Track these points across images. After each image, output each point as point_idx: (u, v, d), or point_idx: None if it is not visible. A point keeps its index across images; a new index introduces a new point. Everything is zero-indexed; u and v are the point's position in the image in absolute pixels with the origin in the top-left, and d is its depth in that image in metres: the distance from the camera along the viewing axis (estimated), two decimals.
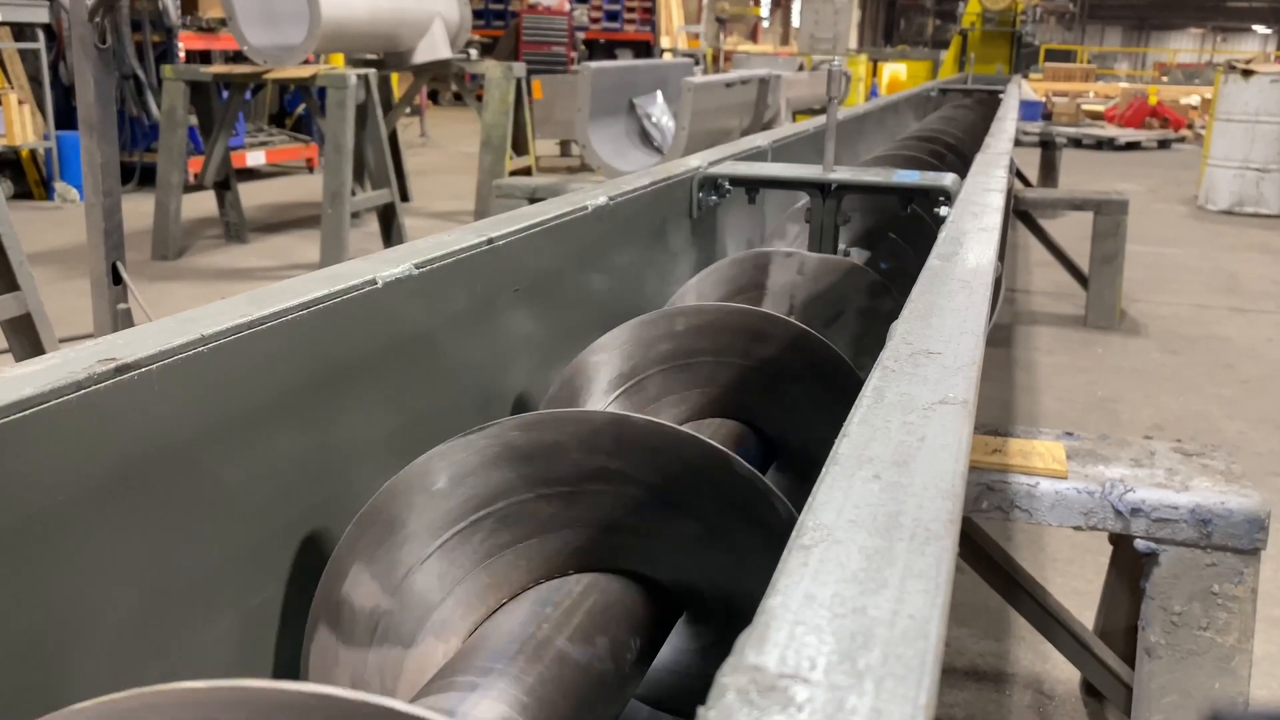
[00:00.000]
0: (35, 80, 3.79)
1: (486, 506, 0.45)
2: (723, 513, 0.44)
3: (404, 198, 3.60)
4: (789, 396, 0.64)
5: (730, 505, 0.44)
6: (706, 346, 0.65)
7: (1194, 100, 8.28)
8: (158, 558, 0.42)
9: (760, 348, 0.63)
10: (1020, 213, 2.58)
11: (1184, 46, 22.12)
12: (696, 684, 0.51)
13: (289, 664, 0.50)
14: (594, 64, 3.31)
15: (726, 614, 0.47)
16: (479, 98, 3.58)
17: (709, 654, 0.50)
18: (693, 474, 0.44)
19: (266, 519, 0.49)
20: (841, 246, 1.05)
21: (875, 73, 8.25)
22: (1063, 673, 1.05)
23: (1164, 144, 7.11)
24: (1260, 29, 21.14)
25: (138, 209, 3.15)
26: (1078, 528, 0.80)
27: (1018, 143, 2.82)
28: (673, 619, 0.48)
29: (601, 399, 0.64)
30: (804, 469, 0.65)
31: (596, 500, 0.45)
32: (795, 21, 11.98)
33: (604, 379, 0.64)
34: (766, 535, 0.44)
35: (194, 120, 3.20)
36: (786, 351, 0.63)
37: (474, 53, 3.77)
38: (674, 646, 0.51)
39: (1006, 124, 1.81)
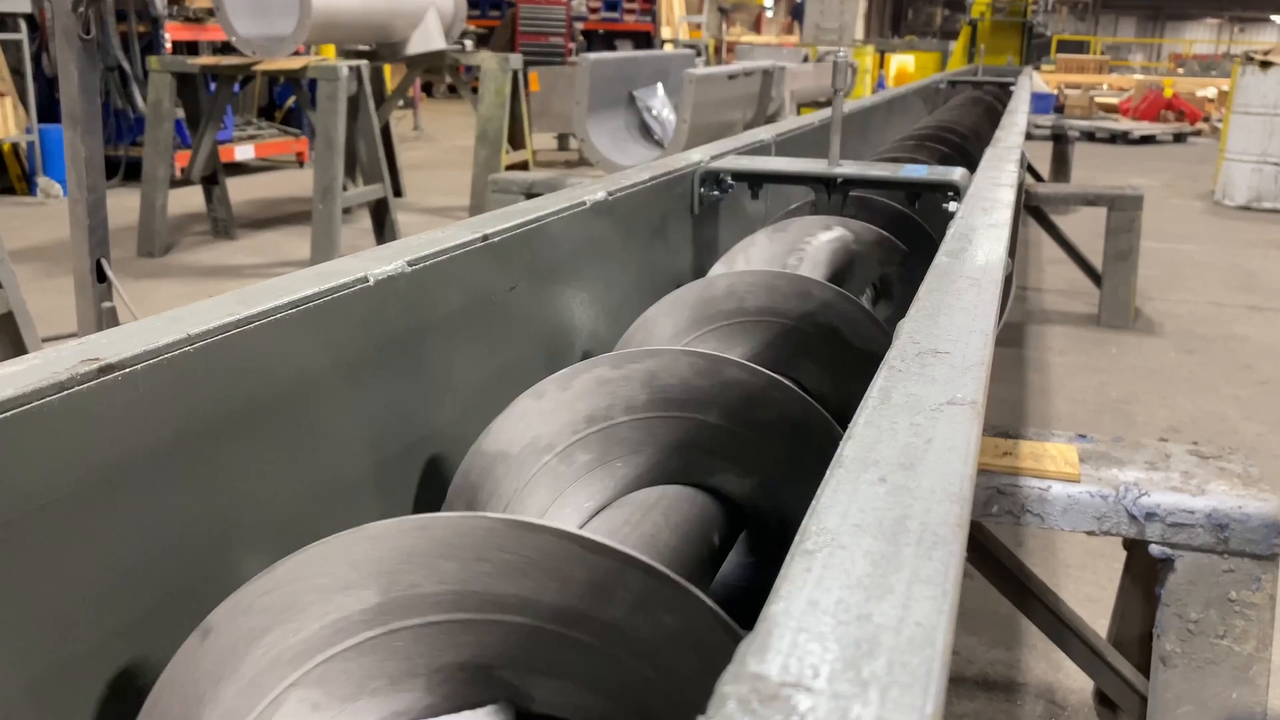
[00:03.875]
0: (17, 72, 3.72)
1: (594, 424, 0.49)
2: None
3: (397, 193, 3.57)
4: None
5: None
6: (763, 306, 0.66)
7: (1210, 92, 8.16)
8: (144, 564, 0.41)
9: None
10: (1032, 208, 2.55)
11: (1200, 37, 21.82)
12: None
13: None
14: (593, 55, 3.29)
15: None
16: (474, 90, 3.51)
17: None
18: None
19: (257, 523, 0.48)
20: None
21: (882, 64, 8.17)
22: (1075, 682, 1.03)
23: (1179, 137, 7.01)
24: (1279, 19, 20.69)
25: (123, 204, 3.12)
26: (1091, 533, 0.78)
27: (1029, 136, 2.77)
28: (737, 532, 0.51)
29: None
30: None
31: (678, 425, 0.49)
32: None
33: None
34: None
35: (180, 113, 3.16)
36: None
37: (469, 44, 3.72)
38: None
39: (1017, 117, 1.79)
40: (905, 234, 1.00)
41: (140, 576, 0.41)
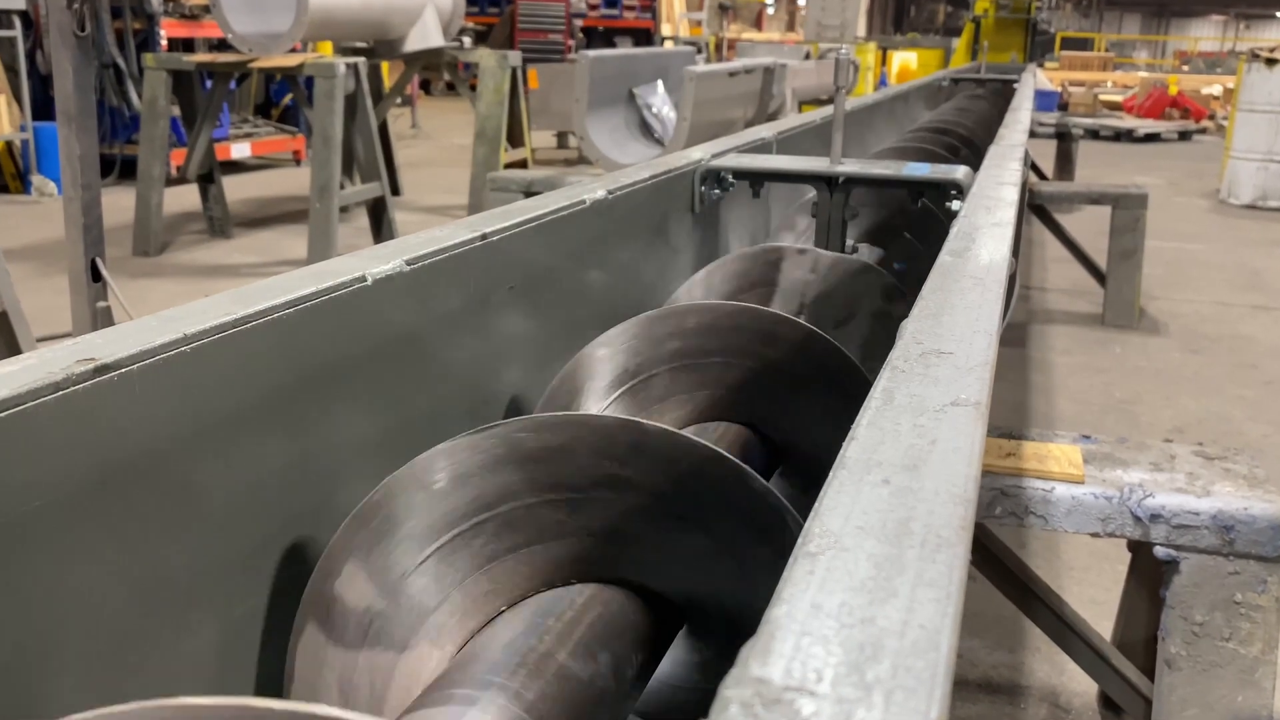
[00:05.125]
0: (11, 69, 3.68)
1: (489, 510, 0.44)
2: (732, 527, 0.43)
3: (395, 191, 3.55)
4: (797, 401, 0.63)
5: (741, 520, 0.43)
6: (715, 346, 0.63)
7: (1216, 90, 8.12)
8: (138, 565, 0.41)
9: (769, 350, 0.62)
10: (1035, 207, 2.54)
11: (1205, 34, 21.69)
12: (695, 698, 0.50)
13: (273, 674, 0.48)
14: (592, 52, 3.25)
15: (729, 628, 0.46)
16: (473, 87, 3.51)
17: (709, 669, 0.49)
18: (703, 485, 0.43)
19: (251, 525, 0.47)
20: (850, 243, 1.02)
21: (885, 61, 8.13)
22: (1079, 685, 1.03)
23: (1184, 135, 6.99)
24: None
25: (118, 203, 3.10)
26: (1095, 534, 0.78)
27: (1033, 134, 2.78)
28: (674, 632, 0.47)
29: (602, 398, 0.62)
30: (811, 474, 0.64)
31: (602, 508, 0.44)
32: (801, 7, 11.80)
33: (606, 377, 0.63)
34: (775, 551, 0.43)
35: (176, 111, 3.15)
36: (795, 354, 0.62)
37: (467, 41, 3.71)
38: (673, 660, 0.50)
39: (1021, 115, 1.78)
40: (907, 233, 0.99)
41: (136, 578, 0.41)
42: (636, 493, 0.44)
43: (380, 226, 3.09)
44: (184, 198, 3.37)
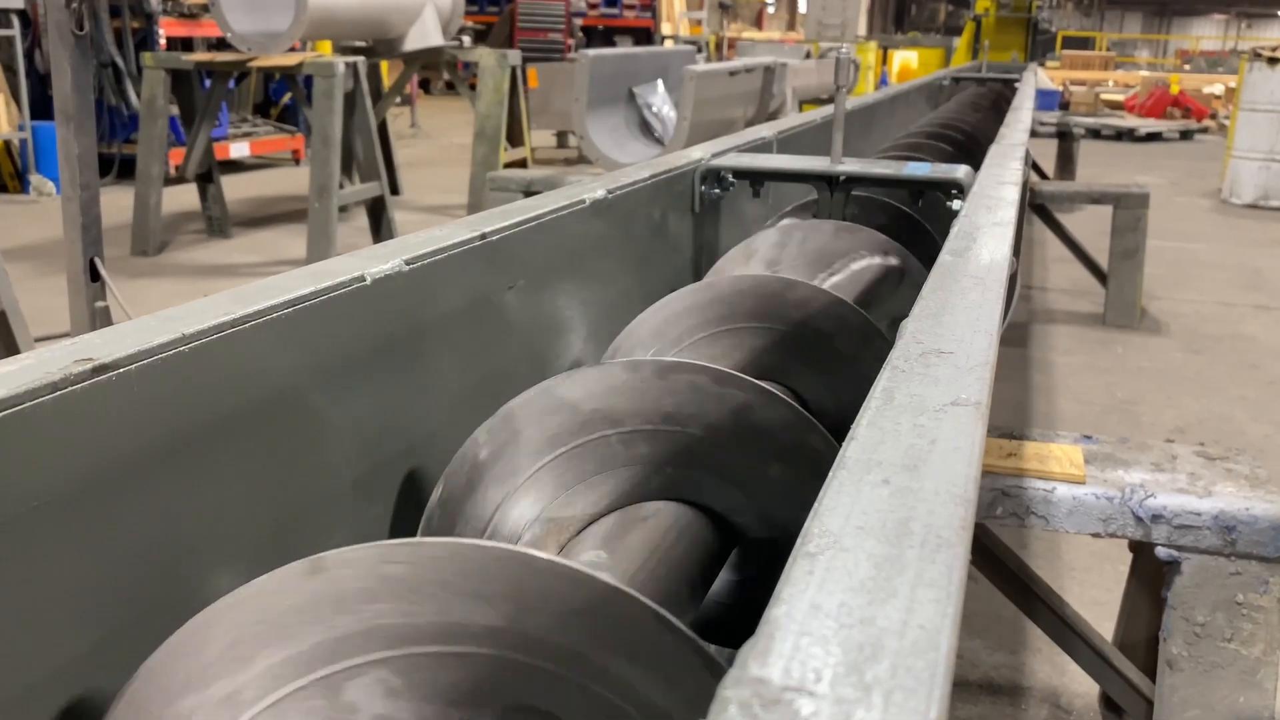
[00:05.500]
0: (9, 68, 3.68)
1: (590, 434, 0.52)
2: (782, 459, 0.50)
3: (394, 191, 3.55)
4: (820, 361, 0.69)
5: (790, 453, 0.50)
6: (750, 313, 0.68)
7: (1217, 89, 8.12)
8: (135, 567, 0.41)
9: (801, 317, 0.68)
10: (1036, 206, 2.53)
11: (1207, 33, 21.66)
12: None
13: None
14: (592, 51, 3.25)
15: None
16: (472, 87, 3.52)
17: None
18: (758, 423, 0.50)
19: (250, 526, 0.47)
20: None
21: (885, 60, 8.12)
22: (1081, 686, 1.03)
23: (1186, 135, 6.98)
24: None
25: (116, 203, 3.09)
26: (1096, 535, 0.77)
27: (1034, 133, 2.76)
28: (730, 548, 0.53)
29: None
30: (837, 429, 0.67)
31: (677, 440, 0.52)
32: (802, 7, 11.83)
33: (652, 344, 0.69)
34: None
35: (175, 110, 3.14)
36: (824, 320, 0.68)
37: (467, 40, 3.71)
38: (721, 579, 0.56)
39: (1022, 114, 1.78)
40: (908, 232, 0.99)
41: (135, 577, 0.41)
42: (705, 428, 0.50)
43: (379, 226, 3.08)
44: (183, 197, 3.36)
